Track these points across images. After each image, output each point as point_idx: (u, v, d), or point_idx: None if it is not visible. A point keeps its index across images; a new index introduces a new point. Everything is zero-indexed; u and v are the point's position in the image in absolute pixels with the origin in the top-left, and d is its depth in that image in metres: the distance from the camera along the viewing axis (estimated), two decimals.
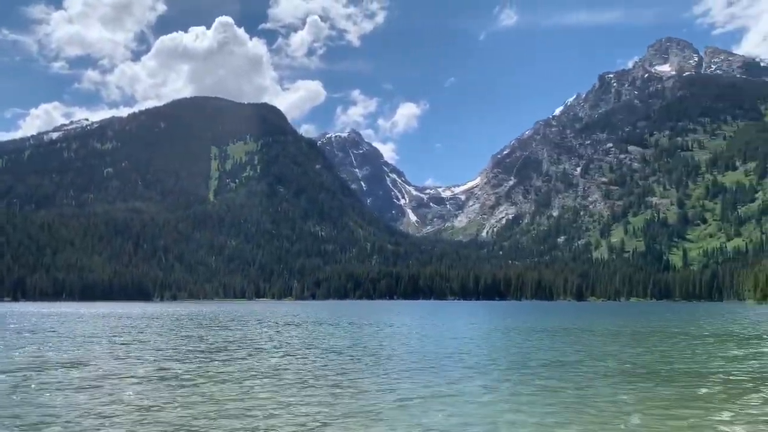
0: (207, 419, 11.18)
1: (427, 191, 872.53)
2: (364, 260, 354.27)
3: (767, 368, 18.14)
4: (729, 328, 40.66)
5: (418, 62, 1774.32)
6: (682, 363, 19.41)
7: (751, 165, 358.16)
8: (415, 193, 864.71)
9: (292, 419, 11.25)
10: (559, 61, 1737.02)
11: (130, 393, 13.81)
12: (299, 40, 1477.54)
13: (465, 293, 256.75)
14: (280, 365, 18.72)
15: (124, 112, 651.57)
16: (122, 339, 29.17)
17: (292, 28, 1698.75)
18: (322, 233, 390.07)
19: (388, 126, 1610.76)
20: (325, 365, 18.84)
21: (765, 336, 32.27)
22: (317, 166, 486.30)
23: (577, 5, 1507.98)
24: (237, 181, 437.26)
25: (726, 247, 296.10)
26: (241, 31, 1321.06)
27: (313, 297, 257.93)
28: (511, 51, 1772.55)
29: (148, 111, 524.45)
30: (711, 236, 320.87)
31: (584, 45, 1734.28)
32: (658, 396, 13.39)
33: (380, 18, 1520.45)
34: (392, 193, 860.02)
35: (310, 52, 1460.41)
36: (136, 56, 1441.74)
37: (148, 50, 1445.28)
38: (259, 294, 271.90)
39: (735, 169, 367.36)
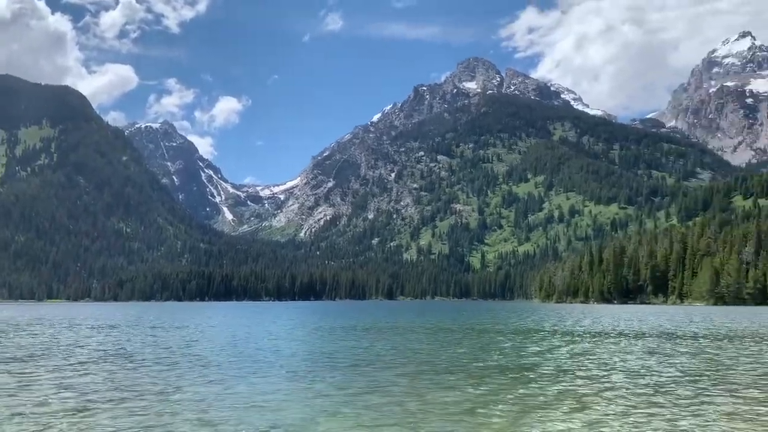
0: None
1: (245, 189, 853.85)
2: (173, 259, 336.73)
3: (558, 359, 19.71)
4: (525, 323, 44.42)
5: (240, 56, 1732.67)
6: (487, 357, 20.36)
7: (540, 178, 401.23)
8: (232, 190, 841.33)
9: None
10: (380, 69, 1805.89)
11: None
12: (110, 20, 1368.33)
13: (281, 294, 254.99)
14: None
15: None
16: None
17: (103, 6, 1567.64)
18: (128, 230, 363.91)
19: (206, 119, 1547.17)
20: (113, 373, 16.83)
21: (546, 329, 35.65)
22: (124, 158, 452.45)
23: (399, 18, 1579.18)
24: (29, 169, 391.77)
25: (518, 251, 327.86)
26: (41, 3, 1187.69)
27: (115, 298, 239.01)
28: (334, 55, 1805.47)
29: None
30: (505, 241, 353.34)
31: (403, 56, 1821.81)
32: (469, 392, 13.67)
33: (202, 6, 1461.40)
34: (207, 189, 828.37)
35: (122, 35, 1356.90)
36: None
37: None
38: (51, 295, 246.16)
39: (527, 181, 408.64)
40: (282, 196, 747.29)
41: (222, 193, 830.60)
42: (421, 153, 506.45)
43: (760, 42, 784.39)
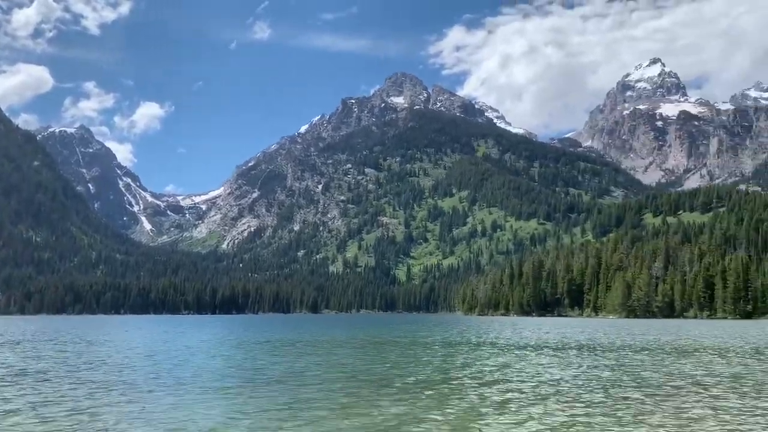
0: None
1: (165, 198, 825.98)
2: (87, 270, 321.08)
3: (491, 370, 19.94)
4: (451, 336, 44.92)
5: (164, 61, 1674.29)
6: (416, 370, 20.33)
7: (465, 193, 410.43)
8: (151, 199, 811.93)
9: None
10: (308, 80, 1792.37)
11: None
12: (24, 18, 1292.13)
13: (201, 307, 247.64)
14: None
15: None
16: None
17: (16, 4, 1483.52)
18: (37, 239, 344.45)
19: (126, 125, 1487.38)
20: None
21: (473, 342, 36.20)
22: (35, 163, 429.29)
23: (327, 29, 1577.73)
24: None
25: (442, 264, 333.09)
26: None
27: (22, 311, 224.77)
28: (262, 64, 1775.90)
29: None
30: (431, 254, 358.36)
31: (332, 68, 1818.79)
32: (398, 406, 13.55)
33: (125, 8, 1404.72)
34: (125, 198, 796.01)
35: (37, 34, 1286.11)
36: None
37: None
38: None
39: (452, 195, 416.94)
40: (204, 207, 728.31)
41: (141, 202, 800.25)
42: (349, 165, 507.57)
43: (669, 68, 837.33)
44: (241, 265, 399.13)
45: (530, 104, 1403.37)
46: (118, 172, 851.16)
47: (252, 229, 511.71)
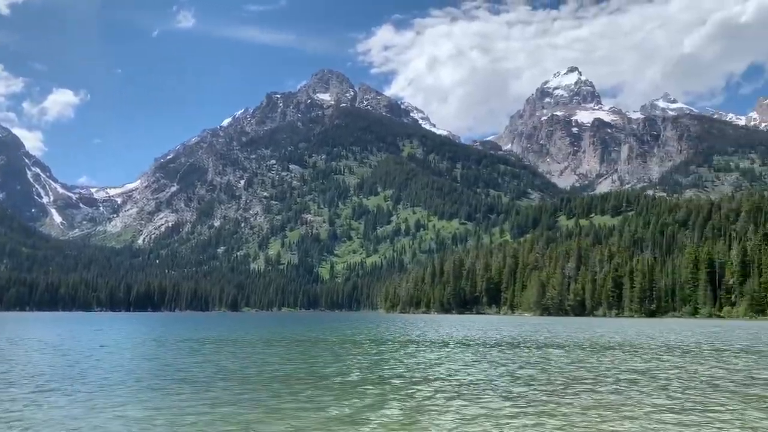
0: None
1: (78, 191, 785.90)
2: None
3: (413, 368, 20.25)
4: (377, 333, 45.25)
5: (80, 46, 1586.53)
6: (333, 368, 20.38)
7: (389, 192, 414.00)
8: (62, 191, 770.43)
9: None
10: (232, 73, 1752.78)
11: None
12: None
13: (114, 304, 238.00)
14: None
15: None
16: None
17: None
18: None
19: (36, 112, 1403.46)
20: None
21: (399, 339, 36.68)
22: None
23: (254, 22, 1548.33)
24: None
25: (366, 262, 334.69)
26: None
27: None
28: (185, 54, 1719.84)
29: None
30: (354, 252, 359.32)
31: (257, 61, 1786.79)
32: (317, 402, 13.55)
33: None
34: (33, 189, 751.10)
35: None
36: None
37: None
38: None
39: (377, 194, 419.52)
40: (119, 200, 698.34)
41: (50, 193, 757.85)
42: (273, 161, 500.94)
43: (585, 77, 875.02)
44: (157, 261, 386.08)
45: (455, 106, 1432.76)
46: (27, 161, 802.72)
47: (170, 224, 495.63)
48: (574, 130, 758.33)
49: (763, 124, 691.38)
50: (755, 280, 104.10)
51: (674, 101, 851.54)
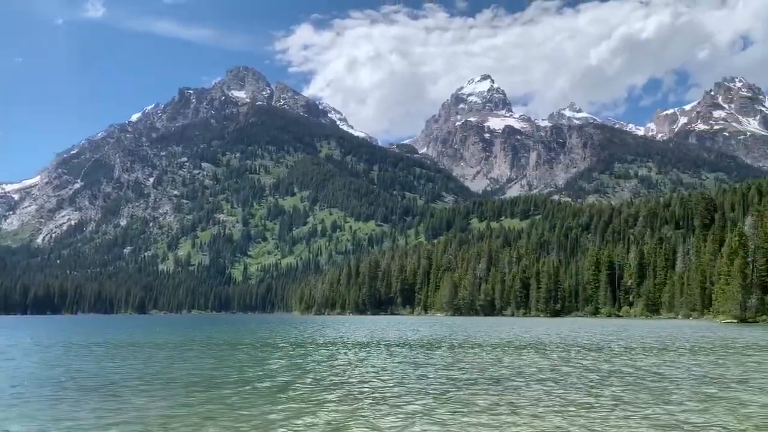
0: None
1: None
2: None
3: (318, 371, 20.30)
4: (296, 336, 44.83)
5: None
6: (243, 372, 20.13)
7: (306, 193, 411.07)
8: None
9: None
10: (143, 66, 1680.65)
11: None
12: None
13: (9, 306, 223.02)
14: None
15: None
16: None
17: None
18: None
19: None
20: None
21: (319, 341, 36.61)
22: None
23: (168, 15, 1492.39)
24: None
25: (281, 263, 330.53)
26: None
27: None
28: (92, 45, 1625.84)
29: None
30: (269, 253, 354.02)
31: (171, 56, 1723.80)
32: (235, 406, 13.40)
33: None
34: None
35: None
36: None
37: None
38: None
39: (293, 194, 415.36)
40: (16, 196, 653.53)
41: None
42: (185, 159, 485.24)
43: (497, 85, 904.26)
44: (58, 261, 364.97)
45: (374, 109, 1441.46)
46: None
47: (73, 222, 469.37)
48: (487, 136, 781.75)
49: (660, 135, 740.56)
50: (651, 282, 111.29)
51: (579, 111, 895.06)
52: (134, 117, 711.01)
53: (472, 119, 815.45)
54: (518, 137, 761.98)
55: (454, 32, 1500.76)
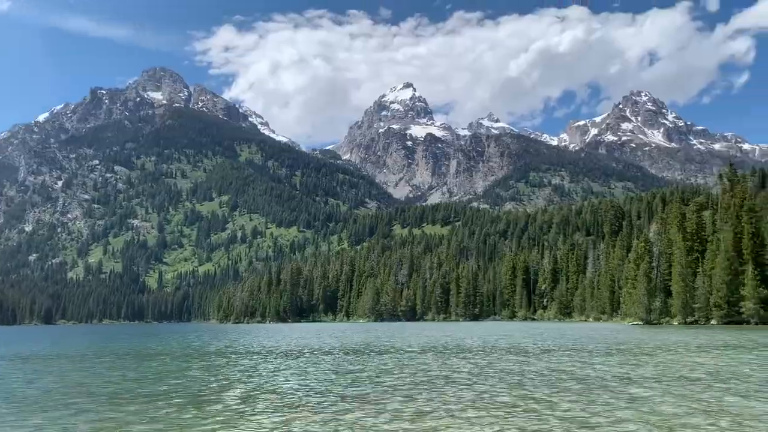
0: None
1: None
2: None
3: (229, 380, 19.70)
4: (214, 345, 43.42)
5: None
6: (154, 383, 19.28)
7: (225, 198, 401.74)
8: None
9: None
10: (53, 64, 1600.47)
11: None
12: None
13: None
14: None
15: None
16: None
17: None
18: None
19: None
20: None
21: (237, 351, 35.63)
22: None
23: (83, 11, 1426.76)
24: None
25: (198, 271, 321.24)
26: None
27: None
28: None
29: None
30: (186, 260, 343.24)
31: (83, 54, 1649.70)
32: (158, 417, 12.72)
33: None
34: None
35: None
36: None
37: None
38: None
39: (212, 200, 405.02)
40: None
41: None
42: (96, 161, 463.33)
43: (419, 93, 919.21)
44: None
45: (296, 113, 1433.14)
46: None
47: None
48: (409, 143, 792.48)
49: (572, 145, 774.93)
50: (563, 286, 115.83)
51: (497, 120, 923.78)
52: (41, 117, 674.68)
53: (394, 126, 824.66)
54: (439, 145, 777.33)
55: (378, 39, 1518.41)
